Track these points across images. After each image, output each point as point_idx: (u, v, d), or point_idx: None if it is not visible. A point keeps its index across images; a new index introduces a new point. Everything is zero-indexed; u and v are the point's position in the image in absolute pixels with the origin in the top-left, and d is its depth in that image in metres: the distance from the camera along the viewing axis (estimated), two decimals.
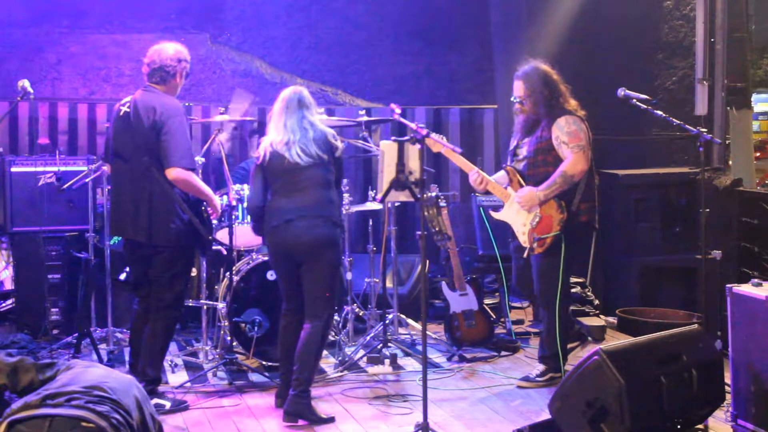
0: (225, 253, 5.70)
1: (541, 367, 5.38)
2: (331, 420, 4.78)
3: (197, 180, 4.85)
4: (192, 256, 5.04)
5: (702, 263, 5.17)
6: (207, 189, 4.95)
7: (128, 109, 4.84)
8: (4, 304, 6.60)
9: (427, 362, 4.22)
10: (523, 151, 5.32)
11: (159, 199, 4.77)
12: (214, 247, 5.49)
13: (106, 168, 5.52)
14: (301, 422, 4.73)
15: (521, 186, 5.26)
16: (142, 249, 4.91)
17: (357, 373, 5.67)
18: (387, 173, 4.96)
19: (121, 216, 4.93)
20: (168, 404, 4.94)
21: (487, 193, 5.52)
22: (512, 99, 5.38)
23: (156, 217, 4.79)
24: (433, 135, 4.74)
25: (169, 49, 4.92)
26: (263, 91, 7.77)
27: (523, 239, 5.26)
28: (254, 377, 5.55)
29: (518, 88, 5.33)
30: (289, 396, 4.76)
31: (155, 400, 4.88)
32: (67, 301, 6.41)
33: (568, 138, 5.17)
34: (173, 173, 4.70)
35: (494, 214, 5.37)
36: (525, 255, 5.28)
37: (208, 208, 5.02)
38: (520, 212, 5.24)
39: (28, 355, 5.89)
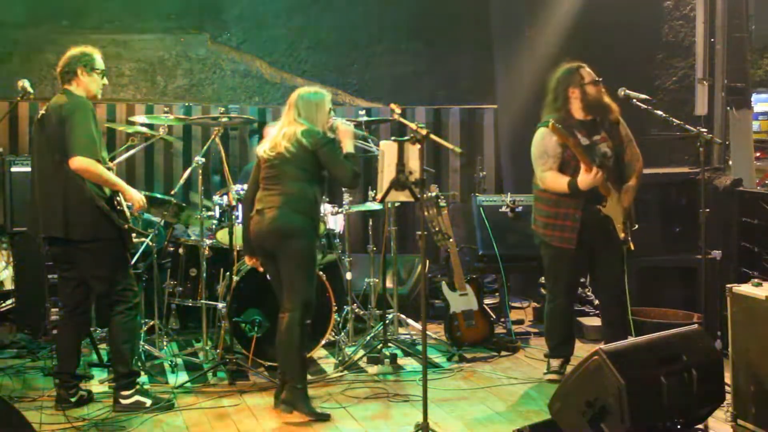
0: (150, 243, 5.69)
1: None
2: (326, 416, 4.78)
3: (102, 169, 4.78)
4: (121, 248, 4.95)
5: (702, 263, 5.17)
6: (115, 179, 4.90)
7: (44, 112, 4.91)
8: (4, 304, 6.60)
9: (427, 362, 4.21)
10: (604, 148, 5.25)
11: (72, 193, 4.78)
12: (136, 239, 5.45)
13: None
14: (296, 414, 4.75)
15: (613, 182, 5.26)
16: (60, 246, 4.88)
17: (357, 373, 5.67)
18: (387, 173, 4.96)
19: (37, 213, 4.93)
20: (149, 402, 4.93)
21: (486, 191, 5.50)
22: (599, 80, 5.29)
23: (70, 211, 4.79)
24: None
25: (73, 50, 4.99)
26: (263, 91, 7.77)
27: (622, 235, 5.30)
28: (254, 377, 5.55)
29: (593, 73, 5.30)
30: (286, 386, 4.83)
31: (135, 398, 4.91)
32: None
33: (630, 135, 5.32)
34: (74, 162, 4.70)
35: (602, 209, 5.29)
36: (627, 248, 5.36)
37: (128, 200, 4.95)
38: (617, 207, 5.25)
39: (28, 355, 5.95)
